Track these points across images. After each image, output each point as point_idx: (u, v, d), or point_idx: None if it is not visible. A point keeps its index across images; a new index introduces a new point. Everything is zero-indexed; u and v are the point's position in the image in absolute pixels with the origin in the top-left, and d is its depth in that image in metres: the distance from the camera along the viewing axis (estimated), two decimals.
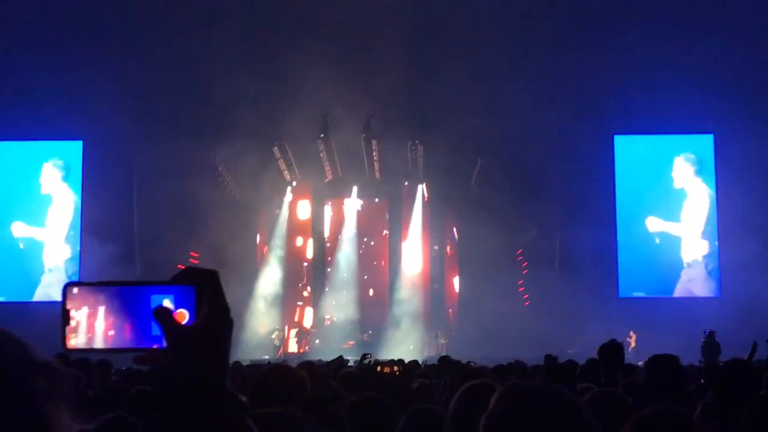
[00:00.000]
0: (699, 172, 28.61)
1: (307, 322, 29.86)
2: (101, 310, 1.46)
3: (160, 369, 1.45)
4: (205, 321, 1.46)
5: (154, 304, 1.47)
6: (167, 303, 1.47)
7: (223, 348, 1.47)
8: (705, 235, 28.34)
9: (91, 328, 1.46)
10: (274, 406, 3.15)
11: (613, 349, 6.85)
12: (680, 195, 28.60)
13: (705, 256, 28.32)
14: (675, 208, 28.52)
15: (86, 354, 1.47)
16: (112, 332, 1.46)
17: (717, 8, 25.81)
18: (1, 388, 1.30)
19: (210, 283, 1.50)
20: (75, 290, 1.46)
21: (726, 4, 25.83)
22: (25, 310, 24.94)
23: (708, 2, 25.91)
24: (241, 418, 1.46)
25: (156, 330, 1.46)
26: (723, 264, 27.69)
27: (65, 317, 1.45)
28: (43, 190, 29.04)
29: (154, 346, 1.46)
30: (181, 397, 1.42)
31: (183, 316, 1.47)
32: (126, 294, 1.48)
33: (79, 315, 1.46)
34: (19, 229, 28.79)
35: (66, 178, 29.08)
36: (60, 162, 29.09)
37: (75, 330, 1.46)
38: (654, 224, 28.49)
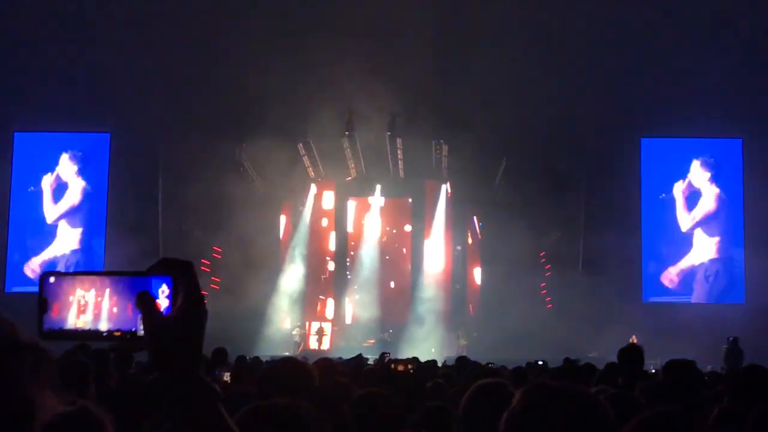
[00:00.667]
0: (715, 177, 28.35)
1: (329, 320, 29.88)
2: (92, 295, 1.51)
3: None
4: (181, 311, 1.50)
5: (155, 290, 1.51)
6: (164, 288, 1.51)
7: (196, 337, 1.51)
8: (729, 240, 28.08)
9: (81, 312, 1.50)
10: (281, 397, 3.15)
11: (632, 353, 6.80)
12: (701, 199, 28.42)
13: (728, 262, 28.04)
14: (698, 212, 28.31)
15: (62, 339, 1.50)
16: (108, 315, 1.51)
17: (747, 11, 25.56)
18: None
19: (185, 274, 1.53)
20: (51, 279, 1.51)
21: (758, 7, 25.57)
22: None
23: (738, 5, 25.65)
24: (213, 406, 1.49)
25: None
26: (748, 270, 27.42)
27: (42, 305, 1.50)
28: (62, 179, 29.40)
29: (132, 330, 1.51)
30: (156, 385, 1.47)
31: (159, 305, 1.50)
32: (123, 281, 1.52)
33: (68, 299, 1.50)
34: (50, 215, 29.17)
35: (82, 171, 29.29)
36: (79, 153, 29.32)
37: (63, 314, 1.50)
38: (687, 227, 28.28)
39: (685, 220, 28.27)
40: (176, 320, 1.49)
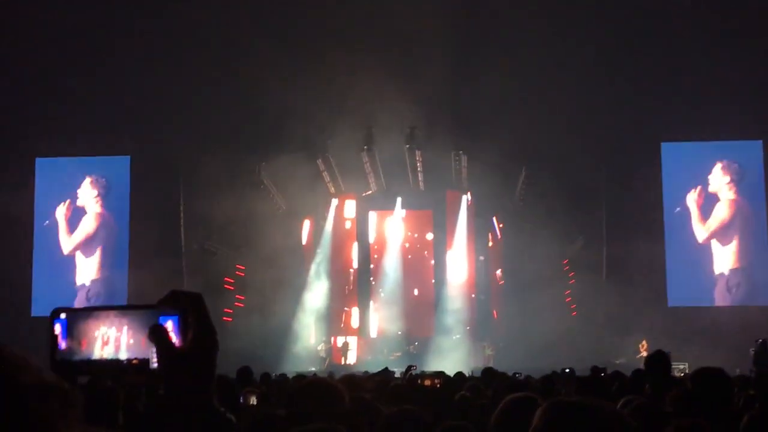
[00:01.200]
0: (736, 180, 28.12)
1: (354, 333, 29.87)
2: (113, 330, 1.56)
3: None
4: (193, 343, 1.52)
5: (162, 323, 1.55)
6: (170, 324, 1.53)
7: (210, 369, 1.53)
8: (749, 246, 27.83)
9: (94, 347, 1.56)
10: (314, 422, 3.16)
11: (659, 360, 6.76)
12: (717, 207, 28.22)
13: (748, 263, 27.80)
14: (714, 222, 28.13)
15: (74, 372, 1.55)
16: (126, 348, 1.55)
17: (763, 11, 25.44)
18: (20, 412, 1.33)
19: (195, 306, 1.55)
20: (63, 315, 1.57)
21: None
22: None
23: (756, 7, 25.52)
24: None
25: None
26: None
27: (53, 340, 1.55)
28: (79, 203, 29.57)
29: (134, 362, 1.55)
30: (171, 417, 1.48)
31: (171, 338, 1.54)
32: (135, 316, 1.56)
33: (94, 335, 1.54)
34: (66, 245, 29.34)
35: (104, 196, 29.49)
36: (102, 179, 29.53)
37: (90, 348, 1.55)
38: (701, 233, 28.08)
39: (700, 231, 28.03)
40: (189, 352, 1.51)
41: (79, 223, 29.48)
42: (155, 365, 1.54)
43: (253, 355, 20.16)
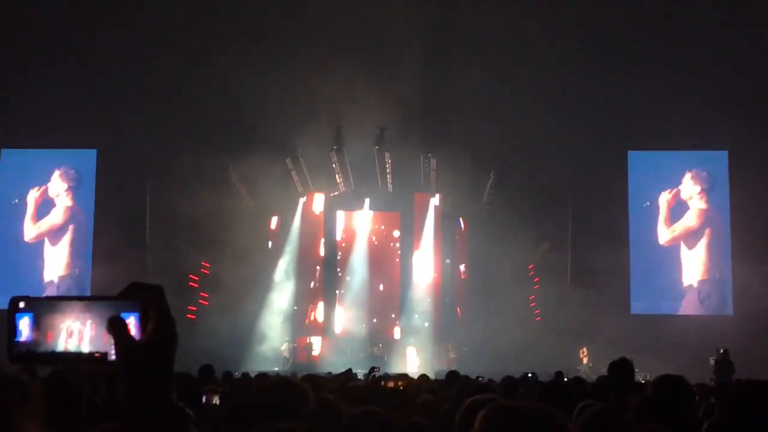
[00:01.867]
0: (706, 190, 28.44)
1: (318, 334, 29.79)
2: (77, 323, 1.55)
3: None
4: (152, 335, 1.51)
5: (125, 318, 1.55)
6: (132, 320, 1.53)
7: (168, 362, 1.53)
8: (718, 257, 28.15)
9: (54, 338, 1.56)
10: (280, 421, 3.13)
11: (622, 367, 6.81)
12: (686, 214, 28.51)
13: (716, 274, 28.11)
14: (679, 227, 28.41)
15: (32, 363, 1.55)
16: (89, 340, 1.55)
17: (731, 25, 25.74)
18: None
19: (155, 298, 1.54)
20: (21, 304, 1.57)
21: (741, 21, 25.74)
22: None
23: (722, 18, 25.80)
24: (186, 429, 1.49)
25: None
26: (736, 282, 27.50)
27: (11, 329, 1.55)
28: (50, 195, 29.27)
29: (96, 355, 1.56)
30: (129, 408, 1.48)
31: (130, 330, 1.54)
32: (99, 310, 1.54)
33: (59, 327, 1.54)
34: (30, 231, 29.01)
35: (73, 189, 29.22)
36: (72, 172, 29.24)
37: (56, 340, 1.54)
38: (666, 241, 28.36)
39: (663, 232, 28.32)
40: (147, 344, 1.51)
41: (48, 213, 29.13)
42: (114, 357, 1.53)
43: (216, 353, 20.05)
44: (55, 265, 28.79)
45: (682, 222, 28.30)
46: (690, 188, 28.48)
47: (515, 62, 25.54)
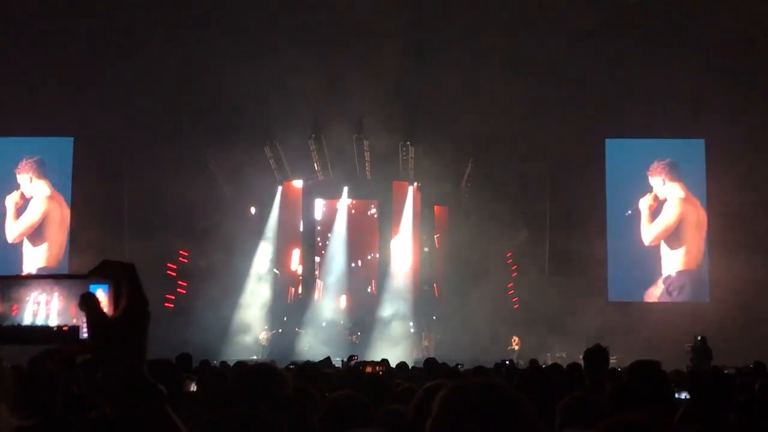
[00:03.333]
0: (677, 177, 28.61)
1: (297, 323, 29.76)
2: (43, 297, 1.55)
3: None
4: (123, 312, 1.51)
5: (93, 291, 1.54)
6: (100, 294, 1.53)
7: (141, 339, 1.52)
8: (693, 240, 28.37)
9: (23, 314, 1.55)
10: (254, 405, 3.14)
11: (597, 354, 6.88)
12: (664, 212, 28.67)
13: (694, 262, 28.31)
14: (659, 212, 28.58)
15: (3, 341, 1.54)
16: (56, 313, 1.54)
17: (710, 13, 25.85)
18: None
19: (128, 276, 1.54)
20: None
21: (719, 9, 25.85)
22: None
23: (701, 6, 25.91)
24: (159, 406, 1.50)
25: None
26: (712, 269, 27.72)
27: None
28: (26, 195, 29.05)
29: (64, 328, 1.55)
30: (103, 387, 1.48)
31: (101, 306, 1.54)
32: (66, 284, 1.55)
33: (26, 300, 1.55)
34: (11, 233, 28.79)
35: (45, 175, 28.98)
36: (35, 158, 28.98)
37: (21, 314, 1.55)
38: (649, 235, 28.50)
39: (647, 234, 28.46)
40: (119, 321, 1.50)
41: (25, 209, 28.90)
42: (85, 335, 1.53)
43: (194, 342, 20.03)
44: (34, 258, 28.53)
45: (661, 218, 28.42)
46: (664, 179, 28.58)
47: (492, 51, 25.54)
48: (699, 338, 20.30)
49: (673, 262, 28.31)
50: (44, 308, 1.54)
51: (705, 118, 26.80)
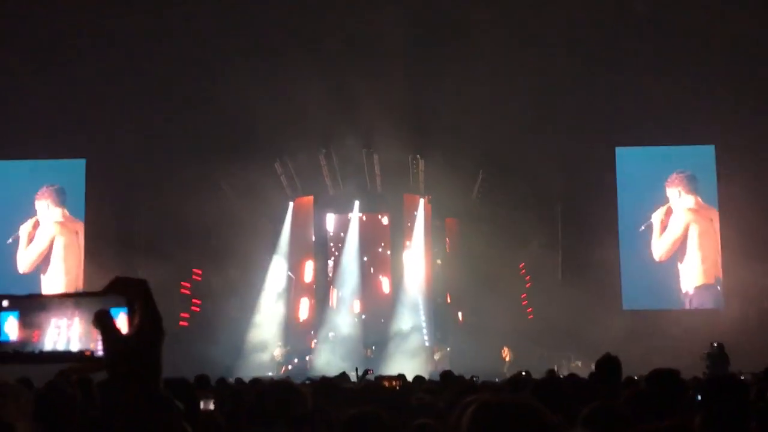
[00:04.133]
0: (693, 189, 28.45)
1: (311, 338, 29.73)
2: (64, 321, 1.54)
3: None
4: (138, 330, 1.51)
5: (114, 315, 1.53)
6: (122, 316, 1.51)
7: (156, 356, 1.52)
8: (706, 248, 28.21)
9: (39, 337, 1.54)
10: (273, 424, 3.15)
11: (609, 363, 6.84)
12: (679, 208, 28.54)
13: (707, 270, 28.14)
14: (674, 220, 28.45)
15: (19, 362, 1.53)
16: (78, 337, 1.54)
17: (718, 20, 25.80)
18: None
19: (141, 293, 1.53)
20: (5, 303, 1.54)
21: (727, 16, 25.80)
22: None
23: (710, 13, 25.86)
24: (177, 422, 1.50)
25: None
26: (727, 277, 27.55)
27: None
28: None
29: (86, 353, 1.53)
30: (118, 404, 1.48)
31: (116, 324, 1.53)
32: (87, 307, 1.54)
33: (47, 325, 1.53)
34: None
35: (64, 203, 29.09)
36: (55, 186, 29.10)
37: (42, 339, 1.53)
38: (653, 243, 28.36)
39: (657, 249, 28.31)
40: (134, 338, 1.50)
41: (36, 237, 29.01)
42: (100, 353, 1.52)
43: (209, 360, 20.07)
44: (51, 287, 28.51)
45: (670, 233, 28.26)
46: (679, 197, 28.43)
47: (501, 61, 25.55)
48: (716, 345, 20.09)
49: (688, 274, 28.12)
50: (65, 333, 1.52)
51: (716, 123, 26.71)
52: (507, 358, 26.38)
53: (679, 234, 28.21)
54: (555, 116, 26.36)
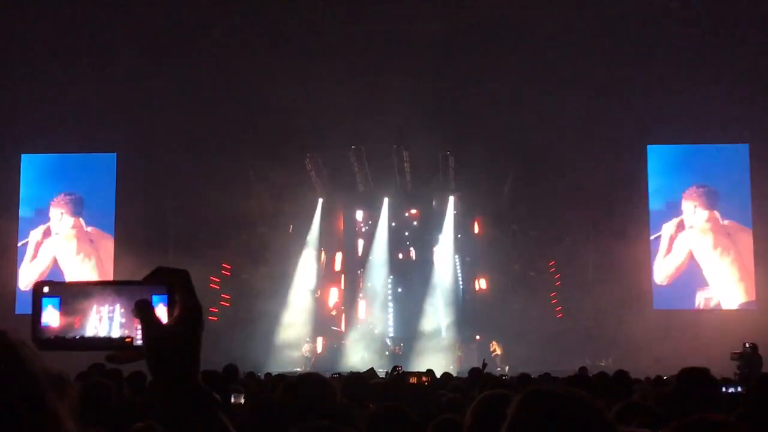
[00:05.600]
0: (712, 205, 28.17)
1: (340, 335, 29.79)
2: (106, 308, 1.56)
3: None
4: (178, 319, 1.52)
5: (155, 304, 1.54)
6: (161, 307, 1.53)
7: (195, 346, 1.52)
8: (737, 245, 27.94)
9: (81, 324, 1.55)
10: (308, 416, 3.16)
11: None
12: (711, 207, 28.26)
13: (740, 268, 27.87)
14: (707, 219, 28.19)
15: (61, 349, 1.54)
16: (120, 324, 1.56)
17: (752, 15, 25.56)
18: (34, 400, 1.34)
19: (182, 283, 1.54)
20: (46, 289, 1.55)
21: (762, 10, 25.54)
22: None
23: (743, 8, 25.62)
24: (214, 413, 1.51)
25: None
26: (758, 275, 27.28)
27: (36, 315, 1.53)
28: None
29: (127, 340, 1.55)
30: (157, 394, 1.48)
31: (156, 314, 1.54)
32: (128, 294, 1.55)
33: (89, 312, 1.55)
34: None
35: (80, 213, 29.35)
36: (74, 195, 29.41)
37: (84, 324, 1.55)
38: (659, 255, 28.13)
39: (659, 272, 28.10)
40: (174, 329, 1.50)
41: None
42: (139, 342, 1.53)
43: (238, 354, 20.13)
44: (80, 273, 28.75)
45: (674, 256, 28.03)
46: (694, 213, 28.16)
47: (532, 60, 25.46)
48: (748, 345, 19.73)
49: (716, 267, 27.85)
50: (107, 319, 1.54)
51: (750, 122, 26.46)
52: (497, 352, 26.39)
53: (682, 259, 27.92)
54: (587, 115, 26.18)
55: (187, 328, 1.52)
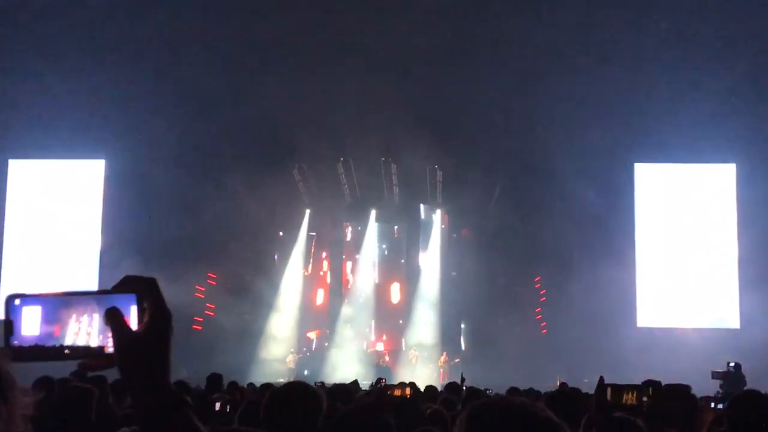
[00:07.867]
0: (695, 223, 28.35)
1: (323, 345, 29.73)
2: (85, 318, 1.58)
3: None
4: (148, 326, 1.54)
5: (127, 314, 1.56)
6: (134, 311, 1.56)
7: (164, 352, 1.55)
8: (722, 264, 28.08)
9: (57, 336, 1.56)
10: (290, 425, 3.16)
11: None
12: (698, 226, 28.41)
13: (724, 289, 28.01)
14: (693, 238, 28.33)
15: (40, 359, 1.56)
16: (96, 333, 1.57)
17: (740, 36, 25.73)
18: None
19: (150, 290, 1.56)
20: (17, 302, 1.56)
21: (750, 32, 25.71)
22: None
23: (731, 30, 25.78)
24: (185, 417, 1.53)
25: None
26: (742, 295, 27.40)
27: (8, 327, 1.54)
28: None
29: (104, 349, 1.56)
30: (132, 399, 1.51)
31: (128, 321, 1.56)
32: (106, 304, 1.57)
33: (67, 322, 1.56)
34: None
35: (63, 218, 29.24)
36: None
37: (63, 333, 1.56)
38: (672, 253, 28.29)
39: (680, 244, 28.27)
40: (143, 335, 1.53)
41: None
42: (111, 349, 1.55)
43: (222, 364, 20.06)
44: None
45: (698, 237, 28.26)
46: (696, 207, 28.40)
47: (520, 75, 25.55)
48: (732, 364, 19.75)
49: (701, 286, 27.99)
50: (86, 329, 1.56)
51: (737, 142, 26.61)
52: (445, 365, 26.71)
53: (666, 277, 28.09)
54: (575, 131, 26.29)
55: (156, 334, 1.54)
